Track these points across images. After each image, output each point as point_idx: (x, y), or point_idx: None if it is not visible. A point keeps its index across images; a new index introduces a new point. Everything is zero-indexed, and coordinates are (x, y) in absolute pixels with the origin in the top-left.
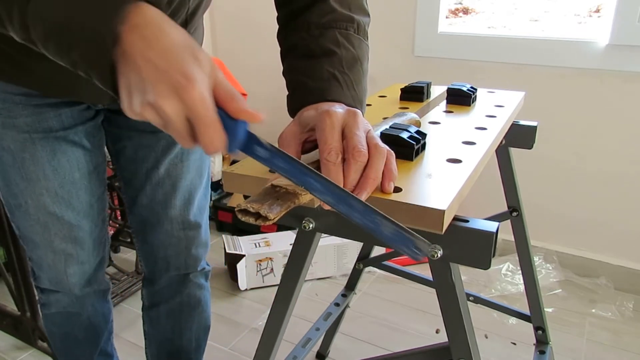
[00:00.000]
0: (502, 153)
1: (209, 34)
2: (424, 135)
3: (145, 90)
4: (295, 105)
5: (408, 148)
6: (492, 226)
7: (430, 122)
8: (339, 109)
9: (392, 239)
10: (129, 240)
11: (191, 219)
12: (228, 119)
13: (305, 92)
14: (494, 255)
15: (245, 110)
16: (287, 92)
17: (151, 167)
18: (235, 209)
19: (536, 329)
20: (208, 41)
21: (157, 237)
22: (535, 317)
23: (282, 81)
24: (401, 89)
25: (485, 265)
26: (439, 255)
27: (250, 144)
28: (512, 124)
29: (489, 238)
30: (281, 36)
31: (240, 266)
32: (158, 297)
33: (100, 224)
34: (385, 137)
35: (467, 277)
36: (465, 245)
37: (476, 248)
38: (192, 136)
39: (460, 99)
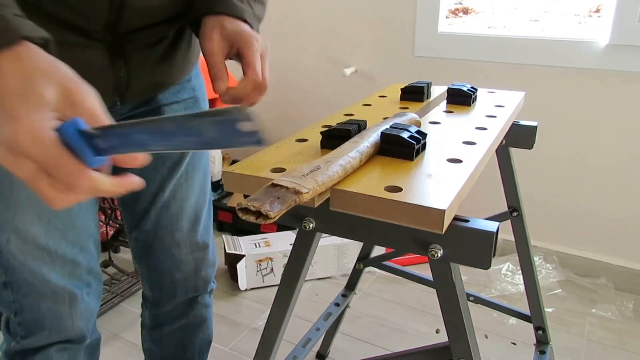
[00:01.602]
0: (502, 153)
1: None
2: (424, 135)
3: None
4: (205, 9)
5: (408, 148)
6: (492, 226)
7: (431, 122)
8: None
9: (218, 137)
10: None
11: (199, 240)
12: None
13: (224, 3)
14: (494, 255)
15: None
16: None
17: (156, 190)
18: (236, 208)
19: (536, 329)
20: None
21: (163, 262)
22: (535, 317)
23: (280, 88)
24: (401, 89)
25: (486, 265)
26: (439, 255)
27: (88, 141)
28: (513, 124)
29: (489, 238)
30: None
31: (240, 266)
32: (162, 319)
33: (96, 258)
34: (386, 136)
35: (467, 277)
36: (465, 245)
37: (476, 248)
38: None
39: (460, 99)
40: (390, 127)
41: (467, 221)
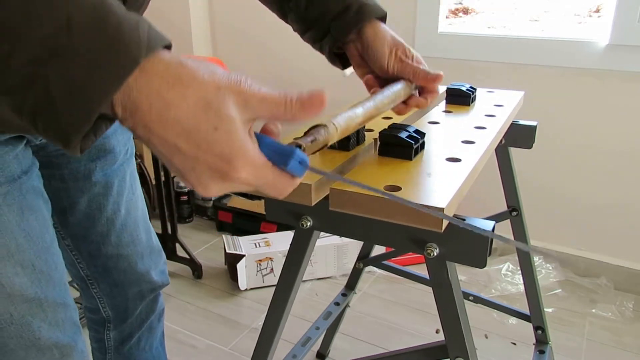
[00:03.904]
0: (501, 153)
1: (210, 43)
2: (422, 134)
3: (180, 175)
4: (355, 23)
5: (407, 147)
6: (488, 225)
7: (430, 122)
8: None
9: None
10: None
11: (154, 244)
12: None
13: (367, 9)
14: (489, 254)
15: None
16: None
17: (111, 212)
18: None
19: (536, 328)
20: (209, 50)
21: (127, 277)
22: (535, 317)
23: (280, 88)
24: None
25: (481, 264)
26: (435, 254)
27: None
28: (512, 124)
29: (485, 237)
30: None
31: (240, 266)
32: (130, 329)
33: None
34: (384, 137)
35: (467, 277)
36: (461, 243)
37: (472, 247)
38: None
39: (459, 98)
40: (389, 127)
41: (464, 220)
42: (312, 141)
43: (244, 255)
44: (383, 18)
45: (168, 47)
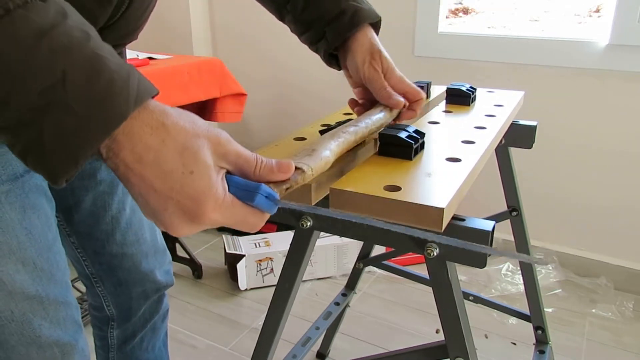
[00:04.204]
0: (501, 153)
1: (210, 43)
2: (422, 134)
3: (154, 216)
4: (349, 28)
5: (407, 147)
6: (488, 225)
7: (430, 122)
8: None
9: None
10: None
11: (159, 244)
12: (247, 186)
13: (362, 14)
14: (489, 254)
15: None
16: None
17: (117, 211)
18: None
19: (536, 328)
20: (209, 51)
21: (131, 277)
22: (535, 317)
23: (279, 88)
24: None
25: (481, 264)
26: (435, 254)
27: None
28: (512, 124)
29: (485, 237)
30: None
31: (240, 266)
32: (134, 328)
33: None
34: (384, 137)
35: (467, 277)
36: None
37: None
38: None
39: (459, 98)
40: (388, 127)
41: (464, 220)
42: (287, 189)
43: (244, 255)
44: (377, 23)
45: (155, 95)
